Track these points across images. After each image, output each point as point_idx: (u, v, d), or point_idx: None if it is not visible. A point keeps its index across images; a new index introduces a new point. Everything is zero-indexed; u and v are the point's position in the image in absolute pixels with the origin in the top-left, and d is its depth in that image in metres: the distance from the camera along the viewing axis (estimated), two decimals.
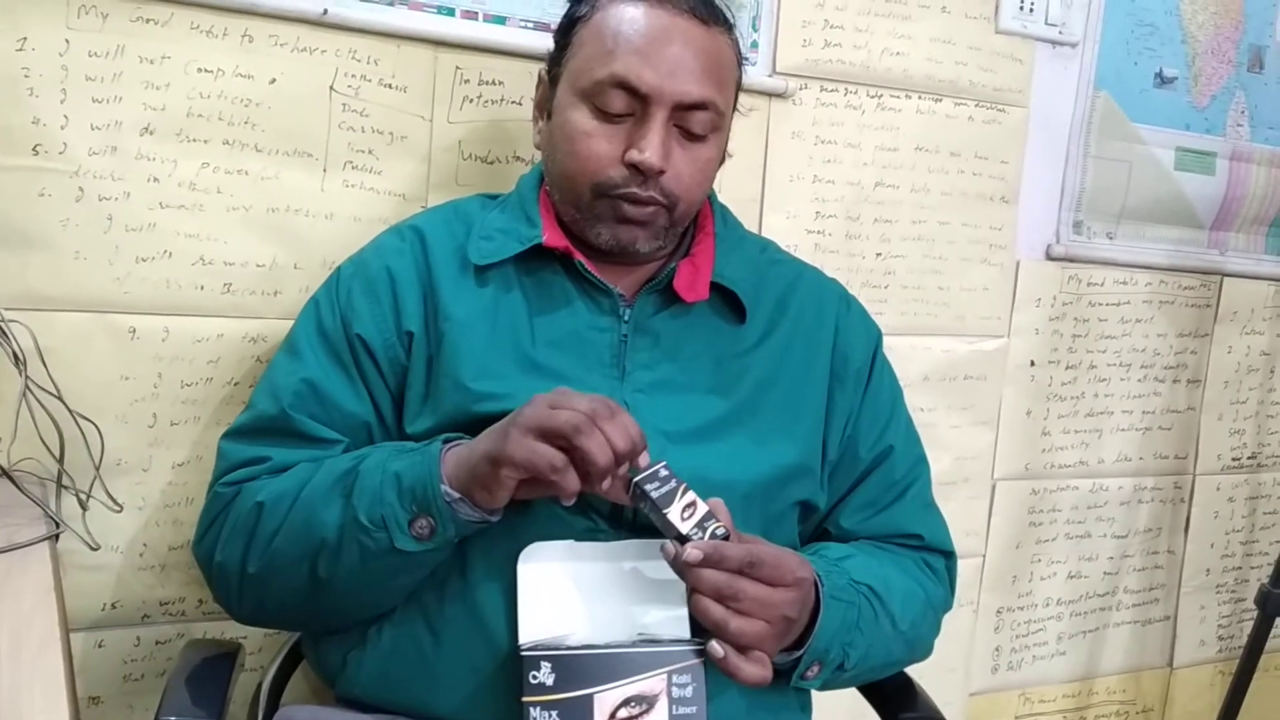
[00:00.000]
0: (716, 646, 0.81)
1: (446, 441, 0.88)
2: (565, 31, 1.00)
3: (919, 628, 1.02)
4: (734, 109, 1.03)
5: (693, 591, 0.82)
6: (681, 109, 0.94)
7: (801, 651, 0.88)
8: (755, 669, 0.83)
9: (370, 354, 0.96)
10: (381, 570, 0.87)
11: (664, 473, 0.85)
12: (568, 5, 1.02)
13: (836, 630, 0.90)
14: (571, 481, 0.81)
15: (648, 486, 0.84)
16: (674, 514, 0.83)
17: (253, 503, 0.91)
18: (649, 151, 0.93)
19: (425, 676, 0.90)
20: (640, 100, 0.93)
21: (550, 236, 0.97)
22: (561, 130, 0.97)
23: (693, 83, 0.94)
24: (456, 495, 0.84)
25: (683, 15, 0.95)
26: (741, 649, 0.82)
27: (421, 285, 0.98)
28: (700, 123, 0.96)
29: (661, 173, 0.94)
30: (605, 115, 0.94)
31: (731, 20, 1.00)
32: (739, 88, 1.03)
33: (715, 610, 0.81)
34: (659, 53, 0.93)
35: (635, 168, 0.93)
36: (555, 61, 1.01)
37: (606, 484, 0.83)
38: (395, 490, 0.84)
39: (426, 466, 0.84)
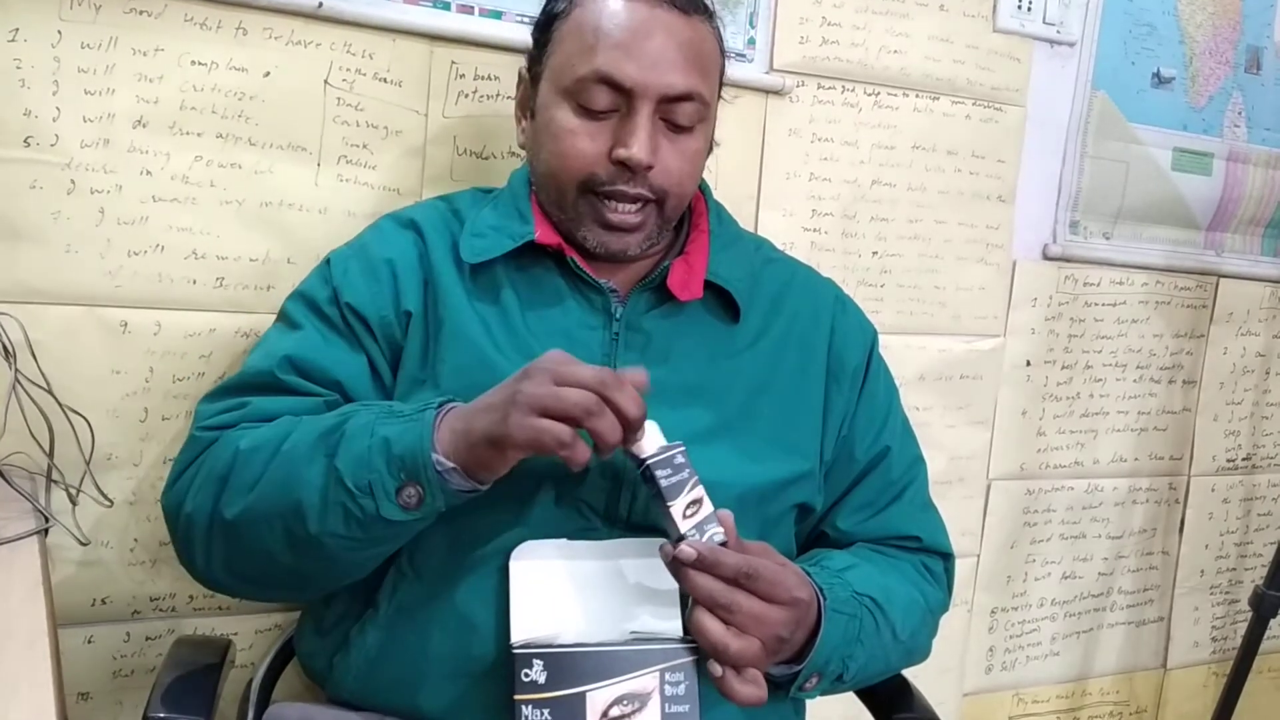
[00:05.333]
0: (715, 665, 0.80)
1: (440, 407, 0.84)
2: (544, 28, 0.98)
3: (918, 636, 1.02)
4: (719, 97, 1.02)
5: (692, 605, 0.81)
6: (667, 101, 0.93)
7: (802, 665, 0.88)
8: (751, 690, 0.81)
9: (363, 321, 0.95)
10: (362, 537, 0.84)
11: (679, 459, 0.82)
12: (545, 1, 1.00)
13: (838, 644, 0.89)
14: (581, 452, 0.78)
15: (658, 473, 0.81)
16: (677, 509, 0.80)
17: (231, 450, 0.87)
18: (636, 147, 0.91)
19: (413, 677, 0.89)
20: (624, 95, 0.92)
21: (543, 233, 0.97)
22: (546, 130, 0.96)
23: (677, 74, 0.92)
24: (449, 465, 0.80)
25: (662, 6, 0.93)
26: (737, 669, 0.81)
27: (423, 271, 0.97)
28: (686, 114, 0.94)
29: (649, 168, 0.93)
30: (589, 112, 0.93)
31: (711, 8, 0.99)
32: (723, 75, 1.02)
33: (715, 631, 0.79)
34: (641, 46, 0.92)
35: (623, 164, 0.92)
36: (535, 60, 0.99)
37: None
38: (384, 457, 0.81)
39: (418, 434, 0.80)
